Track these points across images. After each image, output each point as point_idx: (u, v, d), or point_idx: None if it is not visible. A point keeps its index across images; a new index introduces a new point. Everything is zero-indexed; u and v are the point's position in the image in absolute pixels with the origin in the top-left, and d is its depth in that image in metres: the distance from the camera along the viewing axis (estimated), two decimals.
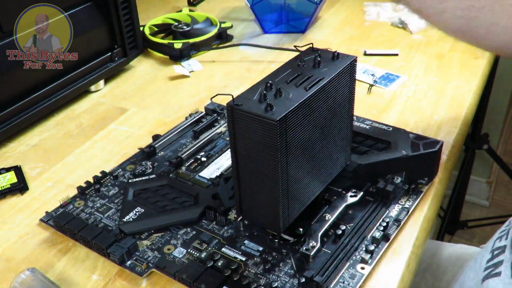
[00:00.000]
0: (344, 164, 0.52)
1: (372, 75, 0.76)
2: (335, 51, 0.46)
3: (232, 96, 0.40)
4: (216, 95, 0.44)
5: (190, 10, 0.97)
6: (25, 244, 0.49)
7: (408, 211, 0.50)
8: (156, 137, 0.61)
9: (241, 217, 0.47)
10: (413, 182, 0.53)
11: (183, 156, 0.58)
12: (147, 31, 0.86)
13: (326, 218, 0.47)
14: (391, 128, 0.56)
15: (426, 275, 0.70)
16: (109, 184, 0.55)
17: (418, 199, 0.52)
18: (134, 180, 0.55)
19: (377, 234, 0.47)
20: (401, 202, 0.51)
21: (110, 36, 0.74)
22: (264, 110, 0.39)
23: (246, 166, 0.42)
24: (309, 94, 0.41)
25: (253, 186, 0.43)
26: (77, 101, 0.73)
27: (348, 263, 0.45)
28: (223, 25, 0.88)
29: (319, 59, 0.45)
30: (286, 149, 0.40)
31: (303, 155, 0.43)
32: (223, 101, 0.43)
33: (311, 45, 0.47)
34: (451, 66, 0.80)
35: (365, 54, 0.83)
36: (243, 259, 0.45)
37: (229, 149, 0.59)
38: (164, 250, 0.47)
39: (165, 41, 0.83)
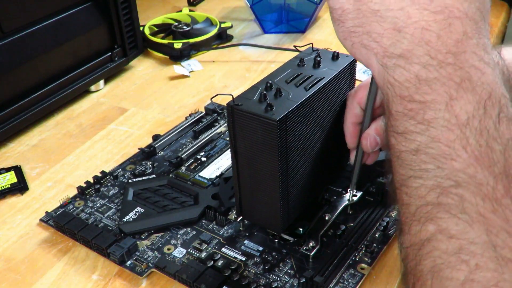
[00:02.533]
0: (344, 164, 0.52)
1: None
2: (335, 51, 0.46)
3: (232, 96, 0.40)
4: (216, 95, 0.44)
5: (190, 10, 0.97)
6: (25, 244, 0.49)
7: None
8: (156, 137, 0.61)
9: (241, 217, 0.47)
10: None
11: (183, 156, 0.58)
12: (147, 31, 0.86)
13: (326, 218, 0.47)
14: None
15: None
16: (109, 184, 0.55)
17: None
18: (134, 180, 0.55)
19: (377, 234, 0.47)
20: None
21: (110, 36, 0.74)
22: (264, 110, 0.39)
23: (246, 166, 0.42)
24: (309, 94, 0.41)
25: (253, 186, 0.43)
26: (77, 101, 0.73)
27: (348, 263, 0.45)
28: (223, 25, 0.88)
29: (319, 59, 0.45)
30: (286, 149, 0.40)
31: (303, 155, 0.43)
32: (223, 101, 0.43)
33: (311, 45, 0.48)
34: None
35: None
36: (243, 259, 0.45)
37: (229, 149, 0.59)
38: (164, 250, 0.47)
39: (165, 41, 0.83)
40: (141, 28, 0.85)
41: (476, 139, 0.25)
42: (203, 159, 0.58)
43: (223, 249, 0.46)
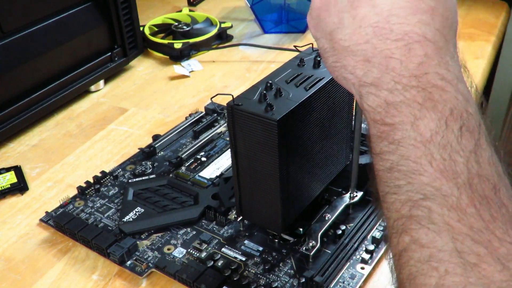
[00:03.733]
0: (344, 164, 0.52)
1: None
2: None
3: (232, 96, 0.40)
4: (216, 95, 0.44)
5: (190, 10, 0.97)
6: (25, 244, 0.49)
7: None
8: (156, 137, 0.61)
9: (241, 217, 0.47)
10: None
11: (183, 156, 0.58)
12: (147, 31, 0.86)
13: (326, 218, 0.47)
14: None
15: None
16: (109, 184, 0.55)
17: None
18: (134, 180, 0.55)
19: (377, 234, 0.47)
20: None
21: (110, 36, 0.74)
22: (264, 110, 0.39)
23: (246, 166, 0.42)
24: (309, 94, 0.41)
25: (253, 186, 0.43)
26: (77, 101, 0.73)
27: (348, 263, 0.45)
28: (223, 25, 0.88)
29: (319, 59, 0.45)
30: (286, 149, 0.40)
31: (303, 155, 0.43)
32: (223, 101, 0.43)
33: (311, 45, 0.48)
34: None
35: None
36: (243, 259, 0.45)
37: (229, 149, 0.59)
38: (164, 250, 0.47)
39: (165, 41, 0.83)
40: (141, 28, 0.85)
41: (440, 154, 0.27)
42: (203, 159, 0.58)
43: (223, 249, 0.46)
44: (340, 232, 0.47)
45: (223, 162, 0.57)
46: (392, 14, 0.29)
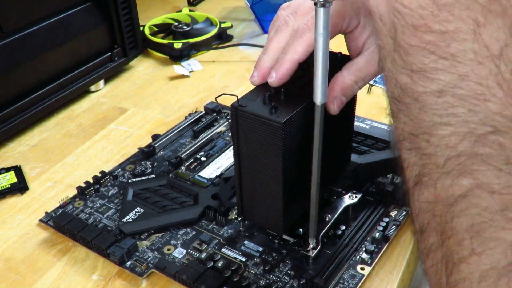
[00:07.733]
0: (344, 165, 0.52)
1: None
2: (339, 52, 0.46)
3: (237, 96, 0.40)
4: (222, 94, 0.43)
5: (190, 10, 0.97)
6: (25, 244, 0.49)
7: (407, 211, 0.50)
8: (155, 137, 0.61)
9: (241, 217, 0.47)
10: None
11: (182, 156, 0.58)
12: (147, 31, 0.86)
13: (327, 219, 0.47)
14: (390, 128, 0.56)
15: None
16: (109, 184, 0.55)
17: None
18: (134, 180, 0.55)
19: (377, 235, 0.47)
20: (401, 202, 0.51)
21: (110, 36, 0.74)
22: (269, 112, 0.39)
23: (248, 167, 0.42)
24: None
25: (255, 187, 0.43)
26: (77, 101, 0.73)
27: (348, 264, 0.45)
28: (223, 25, 0.88)
29: None
30: (290, 151, 0.40)
31: (306, 156, 0.43)
32: (223, 101, 0.43)
33: None
34: None
35: None
36: (243, 259, 0.45)
37: (229, 149, 0.59)
38: (164, 251, 0.47)
39: (165, 41, 0.83)
40: (141, 28, 0.85)
41: None
42: (203, 158, 0.58)
43: (223, 250, 0.46)
44: (340, 232, 0.47)
45: (223, 162, 0.57)
46: None
